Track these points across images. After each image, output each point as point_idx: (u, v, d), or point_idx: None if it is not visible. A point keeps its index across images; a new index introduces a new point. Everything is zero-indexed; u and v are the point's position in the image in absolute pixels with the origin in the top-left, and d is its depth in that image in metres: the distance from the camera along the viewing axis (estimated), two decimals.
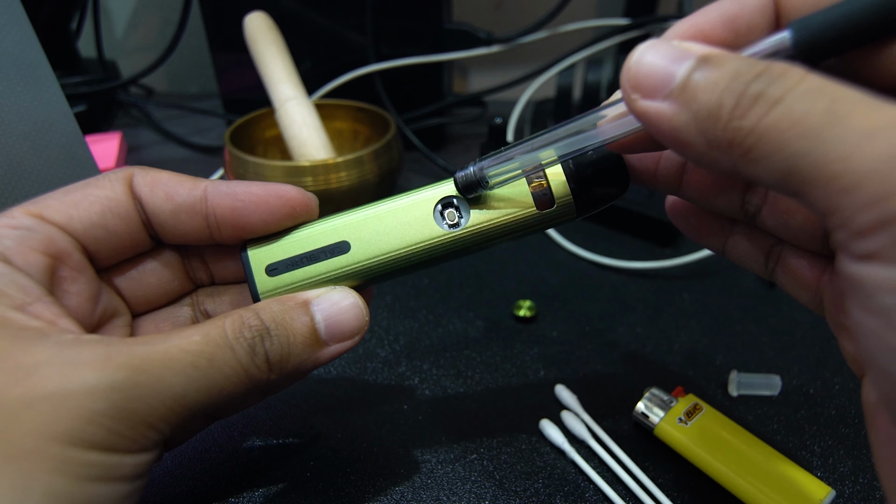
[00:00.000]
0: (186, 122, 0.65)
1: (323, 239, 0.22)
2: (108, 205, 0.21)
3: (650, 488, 0.26)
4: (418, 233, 0.22)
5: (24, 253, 0.19)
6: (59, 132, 0.32)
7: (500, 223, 0.22)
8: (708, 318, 0.37)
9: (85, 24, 0.64)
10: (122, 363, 0.17)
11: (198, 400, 0.18)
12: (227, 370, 0.18)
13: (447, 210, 0.22)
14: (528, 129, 0.59)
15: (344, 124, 0.50)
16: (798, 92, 0.13)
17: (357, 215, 0.22)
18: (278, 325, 0.20)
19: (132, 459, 0.17)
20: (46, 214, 0.20)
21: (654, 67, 0.16)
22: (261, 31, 0.44)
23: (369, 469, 0.27)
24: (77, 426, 0.16)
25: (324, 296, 0.21)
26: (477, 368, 0.33)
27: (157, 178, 0.22)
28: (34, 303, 0.18)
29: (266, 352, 0.19)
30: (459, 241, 0.22)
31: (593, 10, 0.71)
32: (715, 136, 0.14)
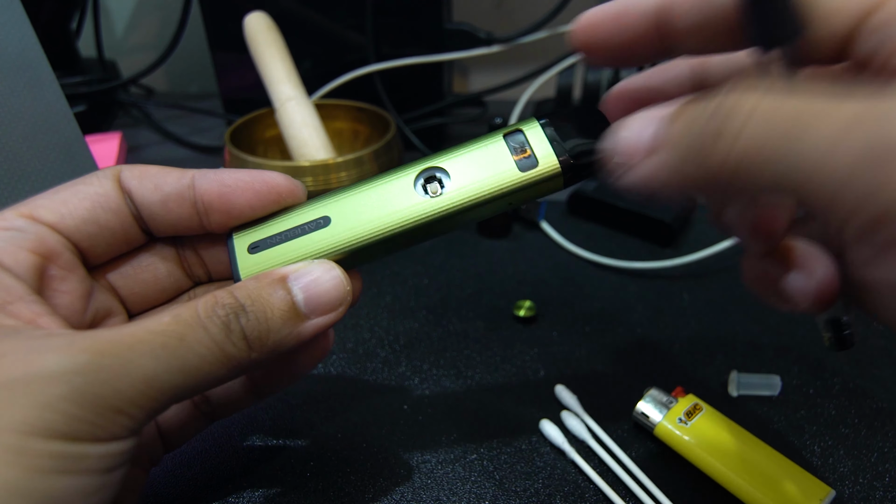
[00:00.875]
0: (186, 122, 0.65)
1: (304, 216, 0.22)
2: (98, 200, 0.21)
3: (650, 488, 0.26)
4: (399, 203, 0.22)
5: (13, 252, 0.19)
6: (59, 132, 0.32)
7: (482, 189, 0.21)
8: (708, 318, 0.37)
9: (85, 24, 0.64)
10: (85, 346, 0.16)
11: (171, 382, 0.17)
12: (201, 349, 0.18)
13: (430, 183, 0.22)
14: None
15: (344, 124, 0.50)
16: (754, 122, 0.14)
17: (340, 193, 0.22)
18: (254, 300, 0.19)
19: (101, 449, 0.16)
20: (37, 214, 0.20)
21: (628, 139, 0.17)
22: (261, 31, 0.44)
23: (369, 469, 0.27)
24: (35, 414, 0.15)
25: (302, 269, 0.20)
26: (477, 368, 0.33)
27: (144, 170, 0.22)
28: (15, 302, 0.18)
29: (242, 328, 0.18)
30: (440, 210, 0.21)
31: None
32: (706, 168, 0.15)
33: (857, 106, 0.13)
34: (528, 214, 0.45)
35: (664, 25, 0.20)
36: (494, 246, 0.44)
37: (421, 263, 0.41)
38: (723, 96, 0.15)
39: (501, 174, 0.21)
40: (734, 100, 0.15)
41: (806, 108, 0.13)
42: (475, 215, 0.22)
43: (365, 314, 0.37)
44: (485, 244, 0.44)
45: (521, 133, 0.22)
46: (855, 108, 0.13)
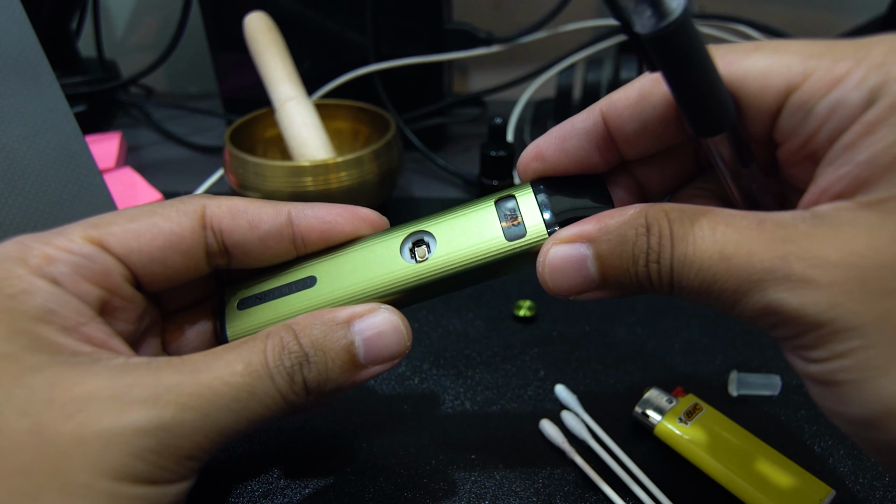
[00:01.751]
0: (186, 122, 0.65)
1: (292, 275, 0.22)
2: (172, 240, 0.21)
3: (650, 488, 0.26)
4: (384, 266, 0.21)
5: (76, 281, 0.19)
6: (59, 132, 0.32)
7: (468, 257, 0.21)
8: (708, 318, 0.37)
9: (85, 24, 0.64)
10: (169, 401, 0.17)
11: (237, 429, 0.18)
12: (268, 400, 0.18)
13: (417, 247, 0.22)
14: (528, 128, 0.59)
15: (344, 124, 0.50)
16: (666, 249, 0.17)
17: (328, 253, 0.22)
18: (317, 350, 0.19)
19: (174, 489, 0.18)
20: (107, 243, 0.20)
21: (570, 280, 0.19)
22: (261, 31, 0.44)
23: (369, 469, 0.27)
24: (126, 462, 0.16)
25: (365, 316, 0.20)
26: (477, 368, 0.33)
27: (234, 206, 0.22)
28: (88, 323, 0.19)
29: (304, 379, 0.19)
30: (425, 276, 0.21)
31: (593, 10, 0.71)
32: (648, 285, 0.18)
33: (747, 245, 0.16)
34: None
35: (605, 139, 0.20)
36: None
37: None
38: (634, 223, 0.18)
39: (488, 242, 0.21)
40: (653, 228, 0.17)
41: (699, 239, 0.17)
42: (461, 282, 0.22)
43: None
44: None
45: (512, 199, 0.21)
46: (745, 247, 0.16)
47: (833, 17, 0.69)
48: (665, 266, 0.17)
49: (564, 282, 0.19)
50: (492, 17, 0.71)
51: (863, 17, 0.63)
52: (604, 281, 0.19)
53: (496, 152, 0.42)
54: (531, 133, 0.58)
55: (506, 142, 0.42)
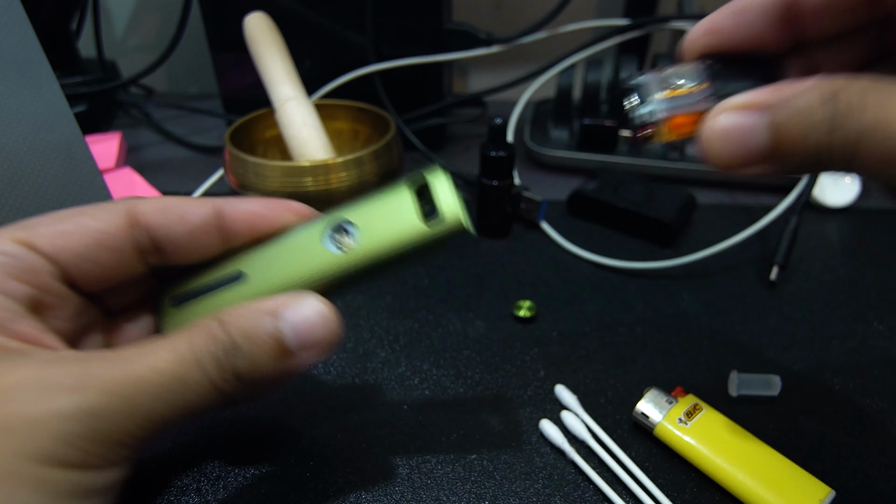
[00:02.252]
0: (186, 122, 0.65)
1: (221, 271, 0.23)
2: (99, 238, 0.21)
3: (650, 488, 0.26)
4: (308, 257, 0.22)
5: (4, 280, 0.19)
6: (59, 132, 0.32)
7: (389, 245, 0.21)
8: (708, 318, 0.37)
9: (85, 24, 0.64)
10: (96, 387, 0.17)
11: (169, 417, 0.19)
12: (197, 387, 0.19)
13: (339, 235, 0.22)
14: (527, 128, 0.59)
15: (344, 124, 0.50)
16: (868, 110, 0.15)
17: (256, 247, 0.23)
18: (245, 338, 0.19)
19: (104, 475, 0.18)
20: (34, 243, 0.20)
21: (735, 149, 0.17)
22: (261, 31, 0.44)
23: (369, 469, 0.27)
24: (53, 447, 0.16)
25: (291, 305, 0.20)
26: (477, 368, 0.33)
27: (164, 203, 0.22)
28: (18, 320, 0.19)
29: (234, 366, 0.19)
30: (348, 266, 0.21)
31: (593, 11, 0.71)
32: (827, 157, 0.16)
33: None
34: (529, 214, 0.45)
35: (786, 13, 0.19)
36: (494, 246, 0.44)
37: (421, 263, 0.41)
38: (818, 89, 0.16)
39: (407, 229, 0.21)
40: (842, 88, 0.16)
41: None
42: (384, 270, 0.22)
43: (365, 314, 0.37)
44: (485, 244, 0.44)
45: (426, 183, 0.22)
46: None
47: None
48: (851, 133, 0.16)
49: (730, 151, 0.18)
50: (492, 17, 0.71)
51: None
52: (776, 152, 0.17)
53: (496, 152, 0.42)
54: (531, 133, 0.58)
55: (506, 142, 0.42)
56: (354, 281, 0.22)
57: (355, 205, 0.22)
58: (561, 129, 0.57)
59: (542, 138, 0.57)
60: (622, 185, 0.47)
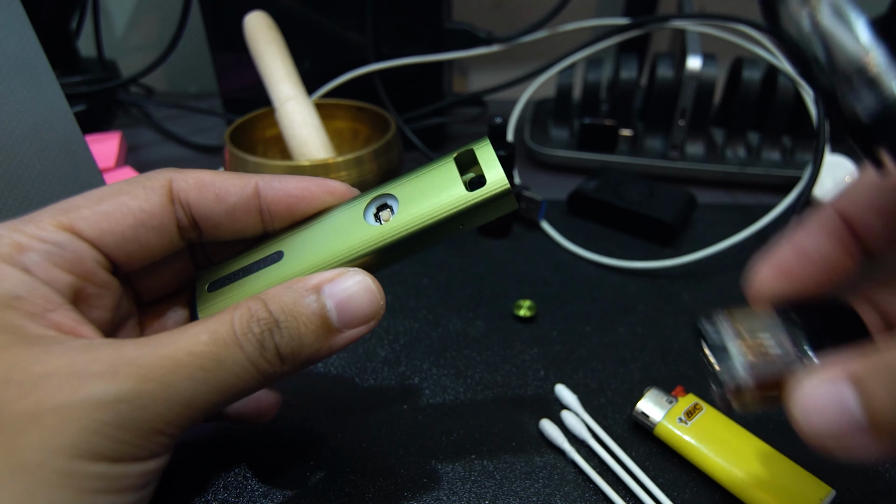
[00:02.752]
0: (186, 122, 0.65)
1: (259, 253, 0.22)
2: (142, 217, 0.20)
3: (650, 488, 0.26)
4: (349, 232, 0.21)
5: (48, 270, 0.19)
6: (59, 132, 0.32)
7: (430, 212, 0.21)
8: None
9: (85, 24, 0.64)
10: (128, 373, 0.17)
11: (208, 401, 0.18)
12: (237, 369, 0.18)
13: (381, 211, 0.22)
14: (528, 128, 0.59)
15: (344, 124, 0.50)
16: None
17: (294, 228, 0.22)
18: (288, 315, 0.19)
19: (140, 467, 0.17)
20: (78, 228, 0.19)
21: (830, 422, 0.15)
22: (261, 30, 0.44)
23: (369, 469, 0.27)
24: (83, 438, 0.16)
25: (336, 280, 0.20)
26: (477, 368, 0.33)
27: (200, 179, 0.21)
28: (56, 310, 0.18)
29: (276, 345, 0.19)
30: (391, 236, 0.21)
31: (593, 10, 0.71)
32: None
33: None
34: (528, 214, 0.45)
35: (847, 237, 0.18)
36: (494, 246, 0.44)
37: (421, 263, 0.41)
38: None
39: (450, 196, 0.21)
40: None
41: None
42: (428, 239, 0.21)
43: None
44: (485, 244, 0.44)
45: (472, 153, 0.21)
46: None
47: None
48: None
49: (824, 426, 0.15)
50: (492, 17, 0.71)
51: None
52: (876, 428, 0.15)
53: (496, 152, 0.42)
54: (531, 132, 0.58)
55: (506, 142, 0.42)
56: (398, 252, 0.21)
57: (398, 180, 0.22)
58: (561, 128, 0.57)
59: (542, 138, 0.57)
60: (622, 185, 0.47)
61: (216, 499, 0.26)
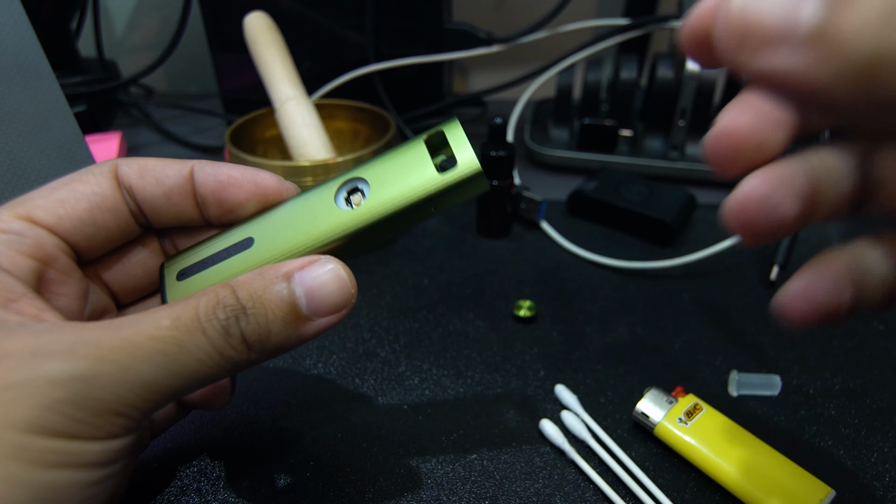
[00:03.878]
0: (186, 122, 0.65)
1: (228, 239, 0.22)
2: (96, 200, 0.21)
3: (650, 488, 0.26)
4: (320, 217, 0.21)
5: (11, 257, 0.19)
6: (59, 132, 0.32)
7: (402, 195, 0.20)
8: (708, 318, 0.37)
9: (85, 24, 0.64)
10: (85, 353, 0.17)
11: (168, 385, 0.17)
12: (200, 354, 0.18)
13: (353, 195, 0.21)
14: (528, 128, 0.59)
15: (344, 124, 0.50)
16: None
17: (264, 213, 0.22)
18: (256, 302, 0.19)
19: (99, 446, 0.17)
20: (35, 216, 0.20)
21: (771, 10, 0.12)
22: (261, 31, 0.44)
23: (369, 469, 0.27)
24: (37, 414, 0.16)
25: (306, 268, 0.20)
26: (477, 368, 0.33)
27: (143, 164, 0.22)
28: (19, 299, 0.19)
29: (242, 332, 0.18)
30: (363, 221, 0.20)
31: (593, 10, 0.71)
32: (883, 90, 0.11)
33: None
34: (529, 214, 0.45)
35: None
36: (494, 246, 0.44)
37: (421, 263, 0.41)
38: None
39: (421, 178, 0.20)
40: None
41: None
42: (401, 223, 0.21)
43: (365, 314, 0.37)
44: (485, 244, 0.44)
45: (441, 134, 0.21)
46: None
47: None
48: None
49: None
50: (492, 17, 0.71)
51: None
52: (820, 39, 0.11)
53: (496, 152, 0.42)
54: (531, 133, 0.58)
55: (506, 142, 0.42)
56: (371, 237, 0.21)
57: (368, 163, 0.22)
58: (561, 128, 0.57)
59: (542, 138, 0.57)
60: (622, 185, 0.47)
61: (216, 499, 0.26)
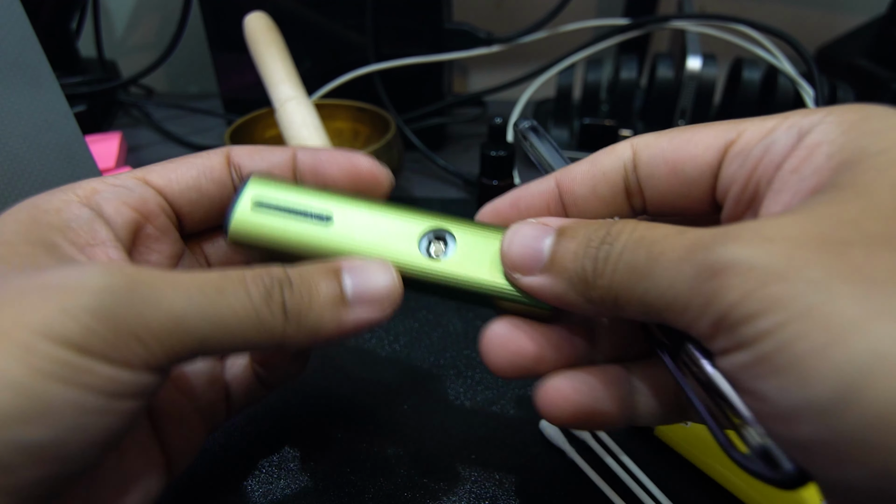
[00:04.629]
0: (186, 122, 0.65)
1: (315, 202, 0.21)
2: (204, 170, 0.23)
3: (650, 488, 0.26)
4: (395, 244, 0.21)
5: (116, 205, 0.21)
6: (59, 132, 0.32)
7: (474, 280, 0.21)
8: None
9: (85, 24, 0.64)
10: (127, 272, 0.16)
11: (198, 328, 0.17)
12: (237, 306, 0.17)
13: (435, 242, 0.21)
14: None
15: (344, 124, 0.50)
16: (629, 245, 0.17)
17: (357, 201, 0.22)
18: (303, 278, 0.19)
19: (109, 370, 0.16)
20: (148, 177, 0.22)
21: (523, 248, 0.19)
22: (261, 31, 0.44)
23: (369, 469, 0.27)
24: (56, 318, 0.15)
25: (358, 263, 0.20)
26: (477, 368, 0.33)
27: (254, 148, 0.24)
28: (97, 245, 0.20)
29: (284, 299, 0.18)
30: (424, 275, 0.21)
31: (593, 10, 0.71)
32: (590, 295, 0.17)
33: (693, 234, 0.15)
34: None
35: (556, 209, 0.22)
36: None
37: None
38: (614, 221, 0.18)
39: (498, 273, 0.20)
40: (620, 225, 0.17)
41: (662, 234, 0.16)
42: (460, 299, 0.21)
43: None
44: None
45: None
46: (692, 235, 0.15)
47: (833, 17, 0.69)
48: None
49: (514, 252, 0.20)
50: (492, 17, 0.71)
51: (863, 17, 0.63)
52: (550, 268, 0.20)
53: (496, 152, 0.42)
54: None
55: (506, 142, 0.42)
56: (424, 289, 0.21)
57: (466, 223, 0.21)
58: (561, 128, 0.57)
59: None
60: None
61: (215, 499, 0.26)
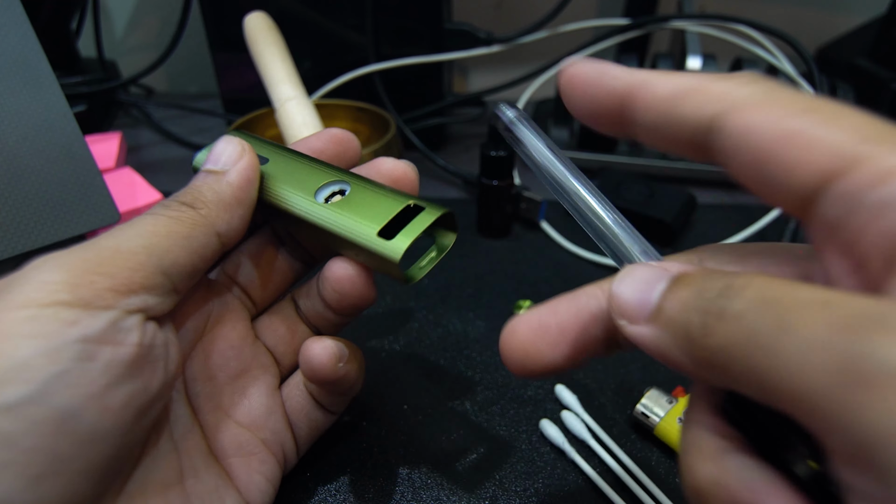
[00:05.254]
0: (186, 122, 0.65)
1: (266, 149, 0.25)
2: None
3: (650, 488, 0.26)
4: (299, 185, 0.23)
5: None
6: (59, 132, 0.32)
7: (343, 225, 0.22)
8: None
9: (85, 24, 0.64)
10: None
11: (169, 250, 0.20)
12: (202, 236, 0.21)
13: (334, 196, 0.23)
14: None
15: (344, 124, 0.50)
16: (753, 304, 0.13)
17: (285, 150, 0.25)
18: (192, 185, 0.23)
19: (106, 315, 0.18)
20: None
21: (633, 293, 0.17)
22: (261, 31, 0.44)
23: (369, 469, 0.27)
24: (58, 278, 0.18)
25: None
26: (477, 368, 0.33)
27: None
28: None
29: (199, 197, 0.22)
30: (306, 213, 0.22)
31: (593, 10, 0.71)
32: (695, 356, 0.14)
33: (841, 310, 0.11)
34: (529, 214, 0.45)
35: None
36: (494, 246, 0.44)
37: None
38: (738, 274, 0.14)
39: (364, 225, 0.21)
40: (746, 279, 0.13)
41: (798, 305, 0.12)
42: (334, 245, 0.23)
43: (365, 314, 0.37)
44: (485, 244, 0.44)
45: (420, 210, 0.22)
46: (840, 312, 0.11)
47: (833, 17, 0.69)
48: None
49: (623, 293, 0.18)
50: (492, 17, 0.71)
51: (863, 17, 0.63)
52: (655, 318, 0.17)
53: (496, 152, 0.42)
54: None
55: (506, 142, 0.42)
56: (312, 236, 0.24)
57: (366, 181, 0.23)
58: (561, 128, 0.57)
59: None
60: (622, 185, 0.47)
61: None
